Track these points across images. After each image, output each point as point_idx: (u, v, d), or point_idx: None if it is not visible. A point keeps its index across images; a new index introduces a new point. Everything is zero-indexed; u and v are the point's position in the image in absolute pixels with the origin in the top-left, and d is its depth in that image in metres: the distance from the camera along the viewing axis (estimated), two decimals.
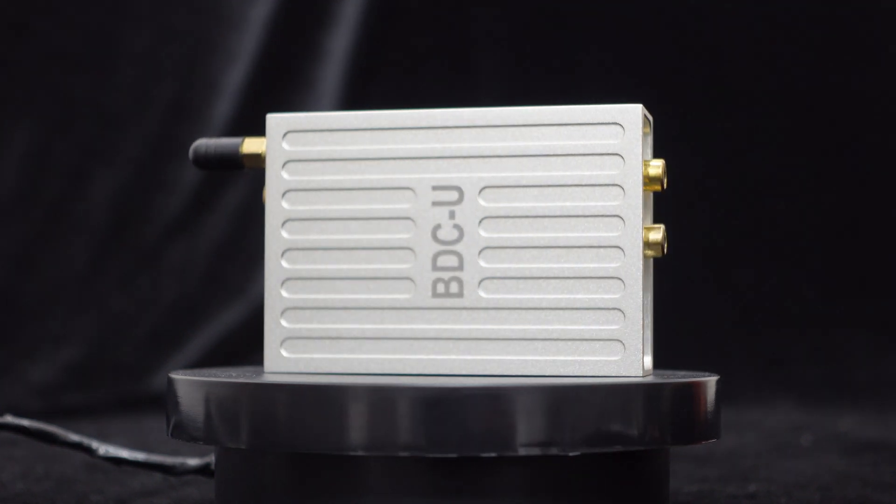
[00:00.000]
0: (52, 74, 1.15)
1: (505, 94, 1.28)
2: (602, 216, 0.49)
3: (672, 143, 1.37)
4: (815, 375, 1.24)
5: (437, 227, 0.49)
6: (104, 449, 0.55)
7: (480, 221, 0.49)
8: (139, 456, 0.56)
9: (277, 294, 0.50)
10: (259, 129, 0.51)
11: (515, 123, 0.50)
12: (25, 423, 0.54)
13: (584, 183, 0.49)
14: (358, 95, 1.21)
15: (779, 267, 1.31)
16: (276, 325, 0.50)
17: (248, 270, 1.18)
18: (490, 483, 0.44)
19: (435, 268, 0.49)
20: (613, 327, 0.49)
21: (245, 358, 1.15)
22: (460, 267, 0.49)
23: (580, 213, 0.49)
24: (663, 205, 1.45)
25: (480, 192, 0.49)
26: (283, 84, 1.20)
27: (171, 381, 0.48)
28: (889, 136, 1.33)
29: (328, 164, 0.50)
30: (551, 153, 0.49)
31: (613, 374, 0.48)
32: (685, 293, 1.30)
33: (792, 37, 1.33)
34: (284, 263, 0.50)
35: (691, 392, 0.47)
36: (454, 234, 0.49)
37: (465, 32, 1.29)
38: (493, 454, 0.43)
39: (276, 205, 0.50)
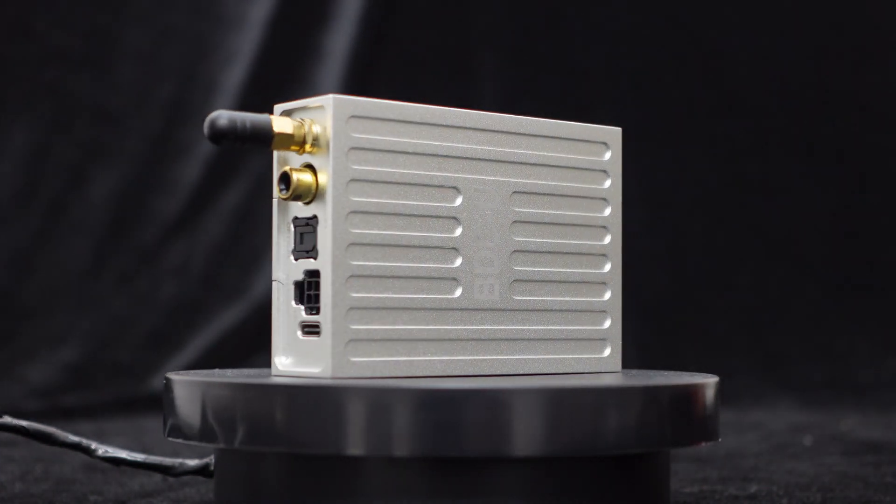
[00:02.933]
0: (52, 74, 1.15)
1: (504, 94, 1.28)
2: (593, 226, 0.53)
3: (673, 143, 1.37)
4: (815, 376, 1.24)
5: (481, 227, 0.50)
6: (103, 449, 0.55)
7: (510, 225, 0.50)
8: (138, 456, 0.55)
9: (343, 292, 0.46)
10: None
11: (527, 133, 0.51)
12: (24, 423, 0.54)
13: (580, 195, 0.53)
14: (358, 95, 1.21)
15: (779, 267, 1.31)
16: (341, 327, 0.46)
17: (248, 270, 1.18)
18: (488, 485, 0.44)
19: (477, 268, 0.49)
20: (602, 328, 0.53)
21: (246, 358, 1.14)
22: (496, 269, 0.50)
23: (579, 222, 0.53)
24: (664, 205, 1.45)
25: (510, 196, 0.50)
26: (282, 84, 1.20)
27: (168, 382, 0.48)
28: (889, 136, 1.33)
29: (387, 156, 0.48)
30: (558, 164, 0.52)
31: (603, 370, 0.53)
32: (685, 293, 1.30)
33: (792, 38, 1.33)
34: (349, 258, 0.47)
35: (690, 394, 0.47)
36: (491, 236, 0.50)
37: (465, 32, 1.29)
38: (491, 456, 0.43)
39: (342, 194, 0.46)
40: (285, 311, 0.48)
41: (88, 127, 1.15)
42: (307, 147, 0.47)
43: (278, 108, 0.48)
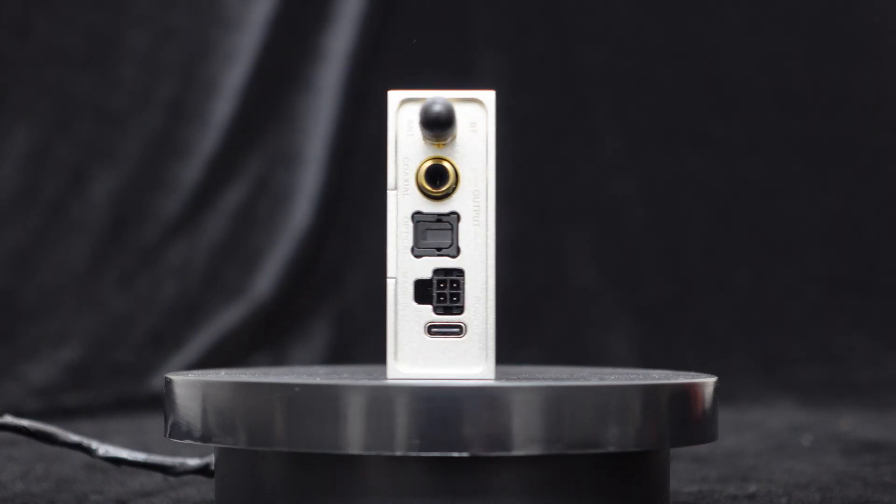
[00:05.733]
0: (52, 74, 1.15)
1: (505, 94, 1.28)
2: None
3: (673, 143, 1.37)
4: (815, 375, 1.24)
5: None
6: (104, 449, 0.55)
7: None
8: (139, 456, 0.56)
9: (495, 292, 0.46)
10: (258, 129, 0.50)
11: None
12: (25, 423, 0.54)
13: None
14: (358, 95, 1.21)
15: (779, 267, 1.31)
16: (494, 327, 0.46)
17: (248, 270, 1.18)
18: (488, 483, 0.44)
19: None
20: None
21: (246, 358, 1.15)
22: None
23: None
24: (664, 205, 1.45)
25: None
26: (283, 84, 1.20)
27: (168, 382, 0.48)
28: (889, 136, 1.33)
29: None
30: None
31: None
32: (685, 293, 1.30)
33: (791, 36, 1.33)
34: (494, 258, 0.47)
35: (690, 393, 0.47)
36: None
37: (465, 32, 1.29)
38: (490, 454, 0.43)
39: (494, 191, 0.47)
40: (404, 311, 0.46)
41: (88, 127, 1.15)
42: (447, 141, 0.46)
43: (395, 94, 0.46)
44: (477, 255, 0.46)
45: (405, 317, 0.46)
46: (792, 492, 0.60)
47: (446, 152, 0.46)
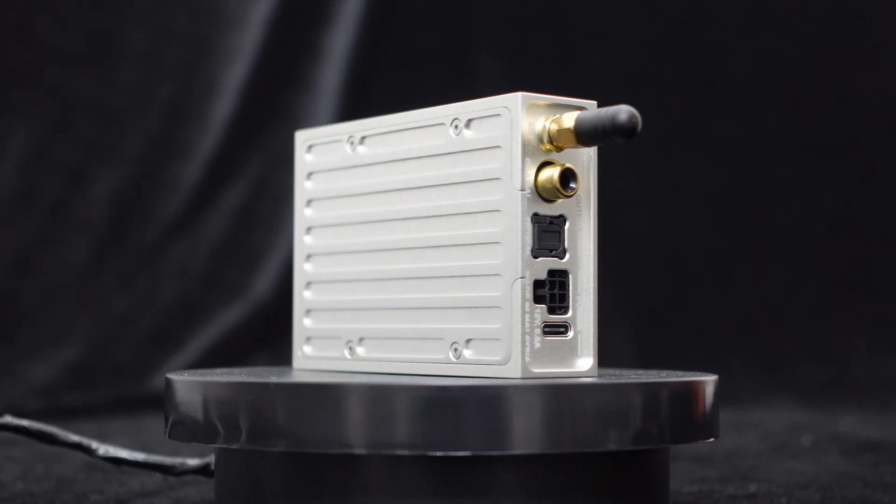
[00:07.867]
0: (52, 74, 1.15)
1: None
2: None
3: (672, 143, 1.37)
4: (814, 375, 1.24)
5: None
6: (104, 449, 0.55)
7: None
8: (139, 456, 0.56)
9: (596, 294, 0.48)
10: (258, 129, 0.50)
11: None
12: (25, 423, 0.54)
13: None
14: (358, 95, 1.21)
15: (779, 267, 1.31)
16: (595, 328, 0.49)
17: (248, 270, 1.18)
18: (489, 482, 0.44)
19: None
20: None
21: (246, 358, 1.15)
22: None
23: None
24: (664, 205, 1.45)
25: None
26: (283, 84, 1.20)
27: (168, 382, 0.48)
28: (889, 136, 1.33)
29: None
30: None
31: None
32: (685, 293, 1.30)
33: (792, 36, 1.33)
34: None
35: (690, 391, 0.47)
36: None
37: (465, 32, 1.29)
38: (491, 453, 0.43)
39: (594, 197, 0.49)
40: (527, 311, 0.47)
41: (88, 127, 1.15)
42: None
43: (524, 97, 0.47)
44: (581, 257, 0.48)
45: (528, 317, 0.47)
46: (792, 492, 0.60)
47: (556, 156, 0.47)
